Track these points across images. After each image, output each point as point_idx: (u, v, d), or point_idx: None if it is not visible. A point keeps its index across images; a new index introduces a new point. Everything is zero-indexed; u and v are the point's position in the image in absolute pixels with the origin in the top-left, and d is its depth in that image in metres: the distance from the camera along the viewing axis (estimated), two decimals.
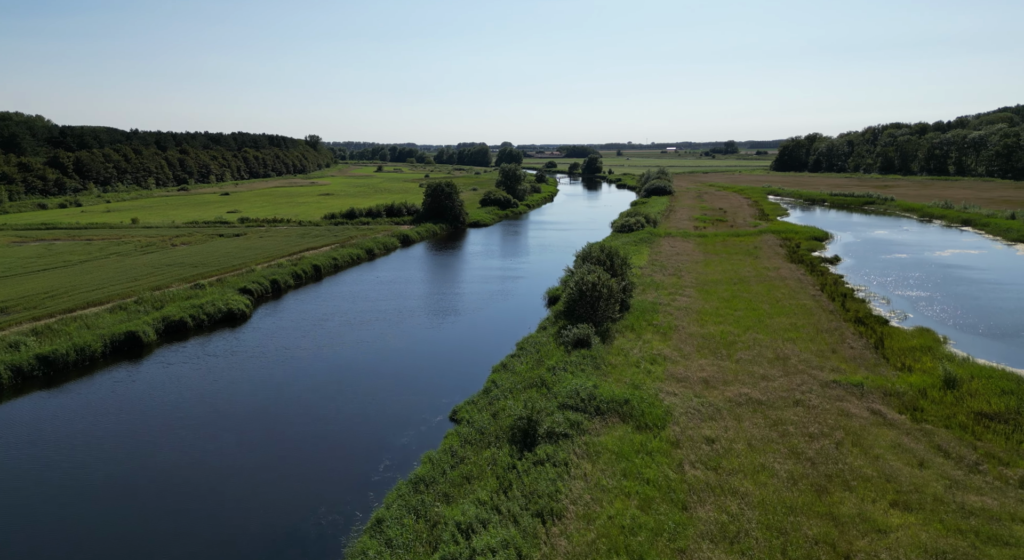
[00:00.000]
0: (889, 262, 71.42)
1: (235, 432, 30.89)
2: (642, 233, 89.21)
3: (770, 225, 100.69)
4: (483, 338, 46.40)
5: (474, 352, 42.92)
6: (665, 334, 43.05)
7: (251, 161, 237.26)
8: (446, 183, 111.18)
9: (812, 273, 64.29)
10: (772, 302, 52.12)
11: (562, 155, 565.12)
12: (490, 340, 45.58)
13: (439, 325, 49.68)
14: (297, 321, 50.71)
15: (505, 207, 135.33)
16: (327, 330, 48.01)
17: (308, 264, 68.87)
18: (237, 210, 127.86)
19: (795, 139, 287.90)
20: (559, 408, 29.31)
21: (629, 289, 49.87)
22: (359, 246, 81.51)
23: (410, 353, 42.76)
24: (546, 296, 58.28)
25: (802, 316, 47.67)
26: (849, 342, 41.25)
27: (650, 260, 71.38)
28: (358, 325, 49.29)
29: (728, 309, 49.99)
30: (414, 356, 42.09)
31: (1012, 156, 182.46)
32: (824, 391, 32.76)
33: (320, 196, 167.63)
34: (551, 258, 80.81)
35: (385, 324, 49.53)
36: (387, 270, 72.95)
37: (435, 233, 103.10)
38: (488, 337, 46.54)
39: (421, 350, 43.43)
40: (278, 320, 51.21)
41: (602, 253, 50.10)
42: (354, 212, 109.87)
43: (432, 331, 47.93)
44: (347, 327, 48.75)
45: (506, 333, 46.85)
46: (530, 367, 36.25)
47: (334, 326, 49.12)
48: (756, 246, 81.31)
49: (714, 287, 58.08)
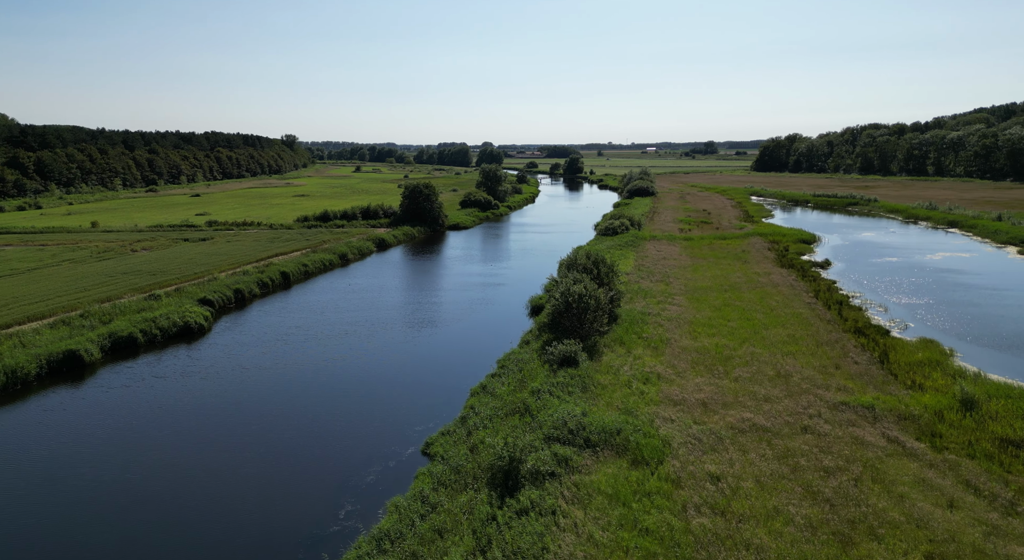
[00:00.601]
0: (880, 266, 69.41)
1: (164, 473, 27.16)
2: (627, 236, 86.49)
3: (756, 227, 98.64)
4: (461, 354, 43.02)
5: (451, 370, 39.54)
6: (657, 348, 40.08)
7: (224, 161, 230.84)
8: (424, 184, 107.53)
9: (804, 278, 61.92)
10: (766, 311, 49.49)
11: (543, 155, 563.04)
12: (469, 356, 42.23)
13: (414, 339, 46.20)
14: (260, 335, 46.89)
15: (485, 209, 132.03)
16: (291, 346, 44.27)
17: (276, 271, 64.91)
18: (206, 212, 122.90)
19: (775, 140, 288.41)
20: (544, 440, 26.10)
21: (617, 298, 46.90)
22: (332, 251, 77.63)
23: (381, 372, 39.25)
24: (529, 305, 55.09)
25: (799, 327, 45.06)
26: (852, 356, 38.63)
27: (636, 265, 68.56)
28: (325, 340, 45.62)
29: (721, 319, 47.24)
30: (385, 375, 38.59)
31: (990, 157, 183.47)
32: (833, 415, 29.97)
33: (294, 197, 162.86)
34: (533, 263, 77.67)
35: (355, 338, 45.91)
36: (361, 276, 69.21)
37: (413, 236, 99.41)
38: (467, 353, 43.18)
39: (393, 368, 39.93)
40: (239, 334, 47.33)
41: (588, 260, 47.04)
42: (328, 214, 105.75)
43: (406, 346, 44.44)
44: (313, 342, 45.06)
45: (486, 348, 43.54)
46: (512, 389, 32.99)
47: (299, 341, 45.40)
48: (744, 249, 78.97)
49: (705, 294, 55.36)
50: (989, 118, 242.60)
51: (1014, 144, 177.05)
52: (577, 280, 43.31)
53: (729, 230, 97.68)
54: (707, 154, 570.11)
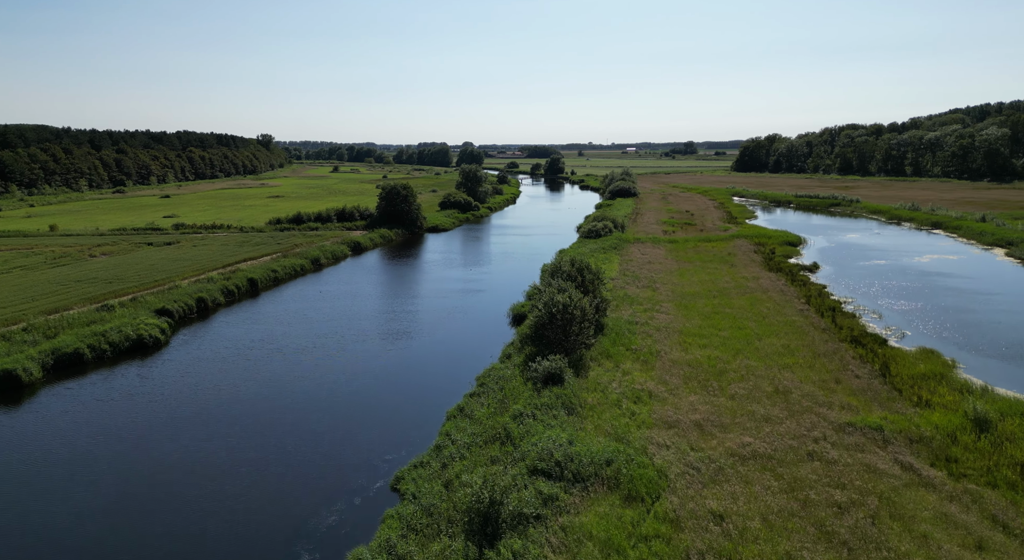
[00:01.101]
0: (869, 269, 67.88)
1: (95, 516, 24.00)
2: (610, 239, 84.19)
3: (740, 229, 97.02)
4: (438, 369, 40.14)
5: (427, 388, 36.66)
6: (646, 362, 37.62)
7: (197, 161, 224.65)
8: (402, 185, 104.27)
9: (793, 283, 60.04)
10: (758, 319, 47.37)
11: (524, 155, 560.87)
12: (446, 372, 39.39)
13: (387, 352, 43.21)
14: (220, 350, 43.56)
15: (466, 210, 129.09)
16: (252, 362, 41.04)
17: (243, 278, 61.42)
18: (175, 214, 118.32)
19: (755, 140, 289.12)
20: (528, 474, 23.42)
21: (603, 307, 44.41)
22: (304, 256, 74.20)
23: (350, 391, 36.25)
24: (510, 314, 52.36)
25: (794, 336, 42.94)
26: (852, 369, 36.52)
27: (621, 270, 66.21)
28: (291, 354, 42.44)
29: (712, 328, 44.97)
30: (354, 395, 35.60)
31: (967, 157, 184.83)
32: (840, 437, 27.69)
33: (269, 198, 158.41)
34: (515, 267, 74.98)
35: (323, 352, 42.80)
36: (334, 283, 65.94)
37: (390, 239, 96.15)
38: (444, 368, 40.31)
39: (364, 387, 36.94)
40: (198, 349, 43.94)
41: (572, 267, 44.46)
42: (302, 217, 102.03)
43: (379, 361, 41.44)
44: (277, 358, 41.87)
45: (465, 362, 40.74)
46: (492, 412, 30.25)
47: (262, 356, 42.17)
48: (730, 252, 77.10)
49: (693, 301, 53.12)
50: (964, 119, 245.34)
51: (991, 145, 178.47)
52: (561, 289, 40.72)
53: (713, 232, 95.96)
54: (687, 154, 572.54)
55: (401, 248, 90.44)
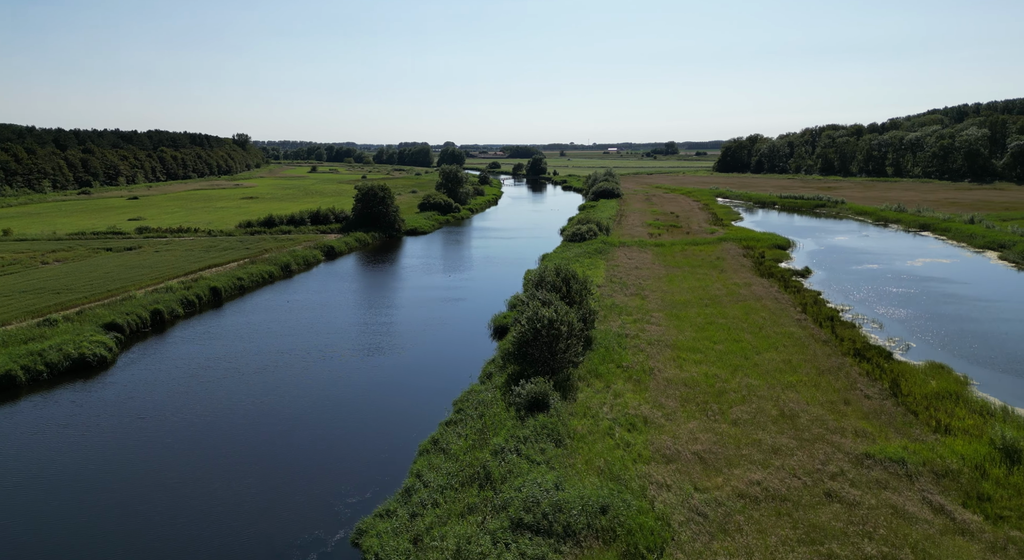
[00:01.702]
0: (862, 274, 65.70)
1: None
2: (595, 243, 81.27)
3: (728, 232, 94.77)
4: (412, 392, 36.70)
5: (399, 416, 33.21)
6: (639, 382, 34.57)
7: (168, 161, 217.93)
8: (379, 187, 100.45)
9: (787, 290, 57.54)
10: (754, 330, 44.63)
11: (506, 155, 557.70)
12: (421, 394, 35.98)
13: (357, 373, 39.67)
14: (172, 369, 39.70)
15: (446, 212, 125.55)
16: (206, 384, 37.26)
17: (205, 286, 57.37)
18: (141, 217, 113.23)
19: (737, 140, 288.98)
20: (511, 528, 20.18)
21: (591, 319, 41.30)
22: (274, 262, 70.18)
23: (312, 420, 32.68)
24: (492, 325, 49.04)
25: (794, 349, 40.22)
26: (861, 387, 33.82)
27: (608, 276, 63.24)
28: (249, 375, 38.71)
29: (707, 341, 42.11)
30: (318, 425, 32.04)
31: (948, 157, 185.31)
32: (859, 472, 24.82)
33: (242, 200, 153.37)
34: (497, 273, 71.69)
35: (285, 372, 39.12)
36: (304, 291, 62.10)
37: (366, 243, 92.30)
38: (419, 390, 36.89)
39: (328, 413, 33.40)
40: (147, 369, 40.01)
41: (557, 277, 41.29)
42: (274, 220, 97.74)
43: (347, 384, 37.88)
44: (234, 378, 38.12)
45: (442, 382, 37.38)
46: (470, 445, 26.93)
47: (217, 377, 38.41)
48: (719, 257, 74.58)
49: (684, 310, 50.28)
50: (943, 119, 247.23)
51: (971, 145, 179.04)
52: (546, 302, 37.55)
53: (700, 234, 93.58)
54: (668, 155, 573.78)
55: (377, 252, 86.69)
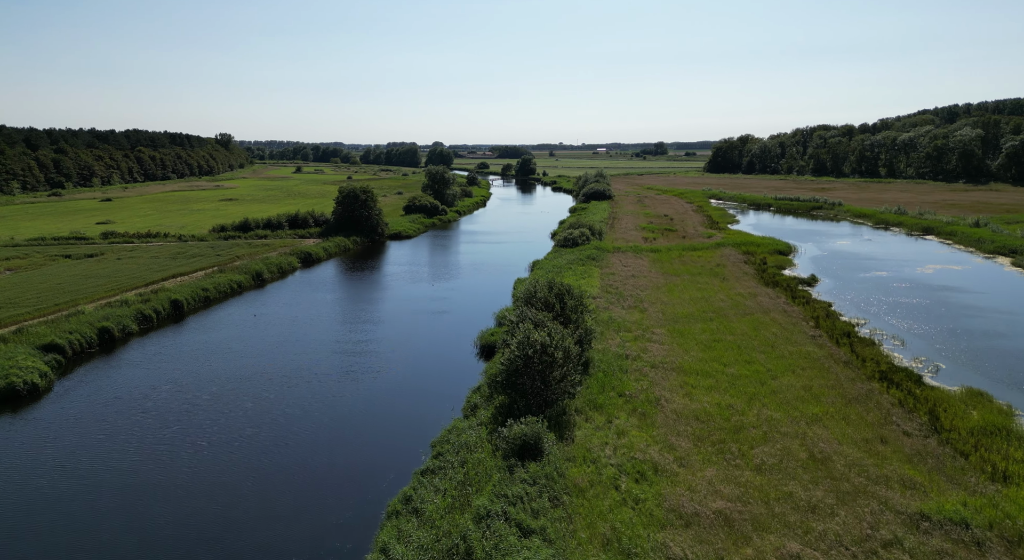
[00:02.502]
0: (872, 283, 61.96)
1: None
2: (588, 248, 77.08)
3: (725, 235, 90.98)
4: (383, 428, 32.20)
5: (367, 463, 28.67)
6: (645, 415, 30.34)
7: (147, 162, 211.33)
8: (361, 189, 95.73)
9: (795, 301, 53.62)
10: (766, 348, 40.59)
11: (495, 155, 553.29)
12: (394, 432, 31.54)
13: (323, 405, 35.12)
14: (112, 400, 34.98)
15: (432, 214, 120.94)
16: (146, 418, 32.58)
17: (166, 299, 52.53)
18: (110, 221, 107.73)
19: (728, 141, 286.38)
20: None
21: (588, 339, 37.04)
22: (245, 270, 65.34)
23: (265, 469, 28.05)
24: (478, 343, 44.64)
25: (813, 372, 36.20)
26: (897, 421, 29.80)
27: (603, 285, 59.03)
28: (198, 409, 34.01)
29: (715, 362, 38.00)
30: (269, 475, 27.43)
31: (942, 158, 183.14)
32: (918, 540, 20.69)
33: (221, 202, 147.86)
34: (484, 282, 67.28)
35: (238, 405, 34.46)
36: (274, 303, 57.36)
37: (346, 248, 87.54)
38: (391, 425, 32.41)
39: (284, 461, 28.76)
40: (83, 399, 35.24)
41: (550, 292, 36.95)
42: (249, 224, 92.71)
43: (309, 419, 33.28)
44: (176, 413, 33.44)
45: (419, 415, 32.96)
46: (449, 504, 22.54)
47: (159, 410, 33.73)
48: (718, 263, 70.64)
49: (688, 325, 46.16)
50: (934, 120, 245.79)
51: (965, 146, 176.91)
52: (538, 322, 33.24)
53: (697, 239, 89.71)
54: (658, 155, 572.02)
55: (358, 259, 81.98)
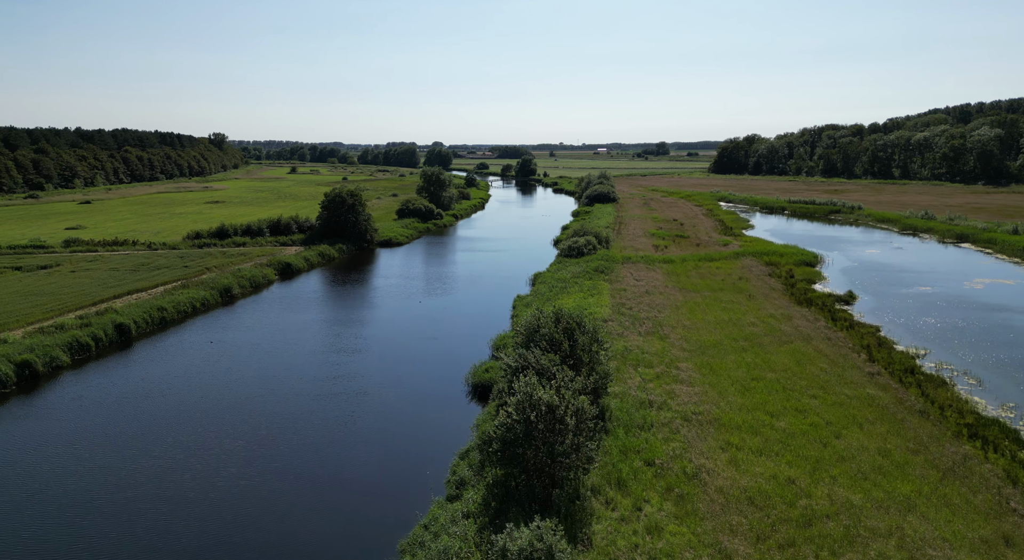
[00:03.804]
0: (918, 300, 54.86)
1: None
2: (595, 259, 69.95)
3: (743, 243, 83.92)
4: (339, 517, 25.04)
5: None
6: (683, 498, 23.24)
7: (134, 162, 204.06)
8: (348, 192, 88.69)
9: (837, 324, 46.55)
10: (817, 389, 33.55)
11: (495, 156, 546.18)
12: (353, 521, 24.38)
13: (269, 476, 27.99)
14: (18, 456, 27.87)
15: (426, 219, 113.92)
16: (54, 486, 25.50)
17: (110, 323, 45.42)
18: (81, 226, 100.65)
19: (734, 140, 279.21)
20: None
21: (605, 384, 30.00)
22: (211, 285, 58.21)
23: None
24: (470, 381, 37.51)
25: (884, 425, 29.15)
26: (1017, 507, 22.68)
27: (615, 304, 51.91)
28: (114, 475, 26.89)
29: (760, 411, 30.93)
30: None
31: (959, 159, 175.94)
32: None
33: (206, 205, 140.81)
34: (480, 299, 60.18)
35: (163, 476, 27.32)
36: (237, 327, 50.24)
37: (331, 258, 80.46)
38: (352, 513, 25.25)
39: None
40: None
41: (557, 327, 29.86)
42: (226, 230, 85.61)
43: (251, 500, 26.17)
44: (92, 481, 26.34)
45: (388, 493, 25.87)
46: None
47: (72, 473, 26.63)
48: (741, 276, 63.53)
49: (718, 357, 39.08)
50: (947, 119, 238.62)
51: (984, 146, 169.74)
52: (543, 369, 26.19)
53: (712, 247, 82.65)
54: (659, 155, 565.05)
55: (343, 270, 74.89)
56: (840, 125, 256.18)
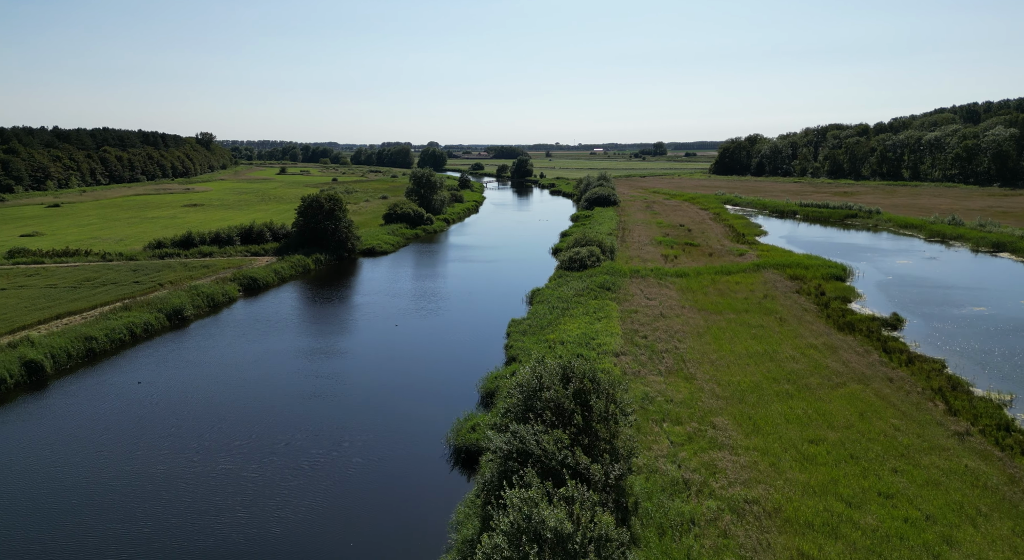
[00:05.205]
0: (976, 325, 47.42)
1: None
2: (599, 273, 62.32)
3: (760, 254, 76.47)
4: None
5: None
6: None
7: (112, 163, 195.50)
8: (327, 197, 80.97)
9: (892, 357, 39.06)
10: (896, 458, 26.09)
11: (490, 156, 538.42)
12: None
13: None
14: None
15: (416, 224, 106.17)
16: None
17: (16, 359, 37.56)
18: (38, 233, 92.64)
19: (735, 141, 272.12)
20: None
21: (629, 462, 22.45)
22: (158, 305, 50.36)
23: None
24: (451, 442, 29.78)
25: (1007, 522, 21.68)
26: None
27: (626, 332, 44.29)
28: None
29: (833, 496, 23.44)
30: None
31: (973, 160, 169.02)
32: None
33: (183, 208, 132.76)
34: (469, 322, 52.48)
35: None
36: (175, 361, 42.40)
37: (306, 270, 72.64)
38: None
39: None
40: None
41: (566, 390, 22.21)
42: (192, 239, 77.70)
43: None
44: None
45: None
46: None
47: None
48: (765, 294, 56.01)
49: (760, 407, 31.53)
50: (954, 118, 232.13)
51: (999, 146, 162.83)
52: (547, 457, 18.66)
53: (726, 257, 75.21)
54: (657, 155, 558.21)
55: (318, 284, 67.10)
56: (845, 125, 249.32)
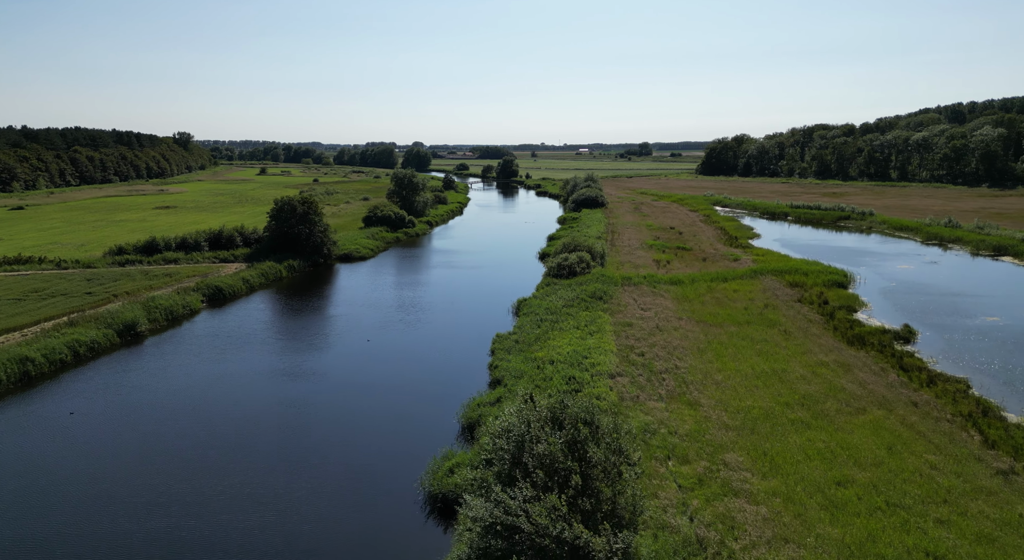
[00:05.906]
0: (992, 337, 44.41)
1: None
2: (589, 280, 58.70)
3: (755, 258, 73.30)
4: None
5: None
6: None
7: (83, 163, 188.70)
8: (300, 200, 76.61)
9: (911, 377, 35.80)
10: (939, 502, 22.89)
11: (475, 156, 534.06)
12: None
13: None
14: None
15: (397, 227, 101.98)
16: None
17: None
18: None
19: (722, 141, 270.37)
20: None
21: (634, 526, 18.69)
22: (108, 320, 45.88)
23: None
24: (425, 486, 25.87)
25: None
26: None
27: (621, 348, 40.64)
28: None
29: (874, 558, 19.82)
30: None
31: (961, 160, 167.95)
32: None
33: (154, 211, 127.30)
34: (451, 333, 48.55)
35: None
36: (120, 387, 38.05)
37: (278, 277, 68.24)
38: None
39: None
40: None
41: (561, 440, 18.42)
42: (156, 244, 72.96)
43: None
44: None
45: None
46: None
47: None
48: (765, 303, 52.71)
49: (776, 440, 28.04)
50: (940, 118, 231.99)
51: (988, 146, 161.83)
52: (540, 534, 14.85)
53: (720, 261, 71.99)
54: (642, 156, 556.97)
55: (289, 293, 62.80)
56: (831, 125, 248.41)
